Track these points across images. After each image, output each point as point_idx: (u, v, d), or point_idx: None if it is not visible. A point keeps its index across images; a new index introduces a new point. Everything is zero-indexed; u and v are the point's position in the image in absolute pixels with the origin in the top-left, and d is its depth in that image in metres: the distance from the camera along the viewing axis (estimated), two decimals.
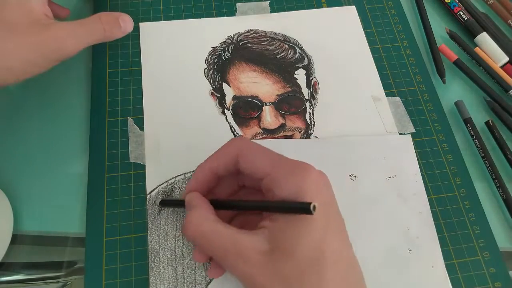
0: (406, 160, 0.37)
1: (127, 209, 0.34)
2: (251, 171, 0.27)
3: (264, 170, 0.27)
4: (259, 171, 0.27)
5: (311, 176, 0.25)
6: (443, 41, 0.45)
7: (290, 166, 0.26)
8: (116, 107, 0.38)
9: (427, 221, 0.35)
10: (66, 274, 0.33)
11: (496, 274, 0.33)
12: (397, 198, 0.35)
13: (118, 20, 0.33)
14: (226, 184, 0.31)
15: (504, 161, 0.39)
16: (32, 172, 0.35)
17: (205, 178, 0.29)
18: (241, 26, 0.43)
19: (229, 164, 0.28)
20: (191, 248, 0.32)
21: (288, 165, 0.26)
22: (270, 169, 0.26)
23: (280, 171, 0.26)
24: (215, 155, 0.29)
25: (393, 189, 0.35)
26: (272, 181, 0.26)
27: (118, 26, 0.33)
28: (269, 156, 0.27)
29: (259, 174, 0.27)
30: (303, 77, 0.41)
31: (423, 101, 0.41)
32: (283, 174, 0.26)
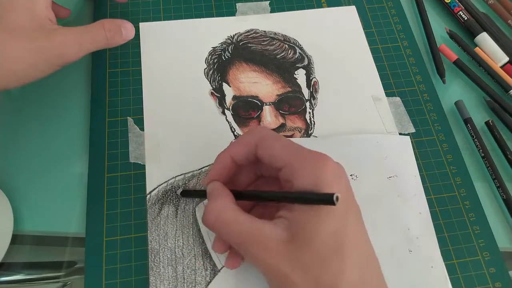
0: (406, 160, 0.37)
1: (127, 209, 0.34)
2: (270, 160, 0.27)
3: (283, 160, 0.27)
4: (278, 161, 0.27)
5: (329, 166, 0.26)
6: (443, 41, 0.45)
7: (309, 157, 0.26)
8: (116, 107, 0.38)
9: (426, 222, 0.35)
10: (66, 274, 0.33)
11: (496, 274, 0.33)
12: (398, 198, 0.35)
13: (120, 27, 0.34)
14: (245, 173, 0.31)
15: (504, 161, 0.39)
16: (32, 172, 0.35)
17: (225, 166, 0.29)
18: (241, 26, 0.43)
19: (248, 152, 0.29)
20: (191, 248, 0.32)
21: (306, 156, 0.27)
22: (289, 159, 0.27)
23: (298, 161, 0.26)
24: (235, 143, 0.30)
25: (394, 189, 0.35)
26: (291, 171, 0.26)
27: (120, 33, 0.34)
28: (288, 146, 0.27)
29: (278, 164, 0.27)
30: (303, 77, 0.41)
31: (423, 101, 0.41)
32: (302, 164, 0.26)
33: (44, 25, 0.31)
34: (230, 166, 0.30)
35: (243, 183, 0.31)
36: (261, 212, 0.30)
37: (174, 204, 0.34)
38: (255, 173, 0.31)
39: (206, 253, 0.32)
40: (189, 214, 0.34)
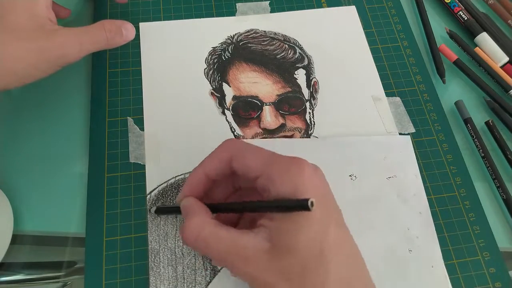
0: (406, 160, 0.37)
1: (127, 209, 0.34)
2: (245, 171, 0.27)
3: (258, 169, 0.26)
4: (253, 171, 0.26)
5: (305, 171, 0.25)
6: (443, 41, 0.45)
7: (284, 163, 0.26)
8: (116, 107, 0.38)
9: (427, 222, 0.35)
10: (66, 274, 0.33)
11: (496, 274, 0.33)
12: (397, 198, 0.35)
13: (121, 28, 0.34)
14: (222, 187, 0.30)
15: (504, 161, 0.39)
16: (32, 172, 0.35)
17: (200, 182, 0.29)
18: (241, 26, 0.43)
19: (222, 167, 0.28)
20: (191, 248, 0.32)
21: (281, 162, 0.26)
22: (264, 168, 0.26)
23: (273, 169, 0.26)
24: (207, 159, 0.29)
25: (393, 189, 0.35)
26: (267, 180, 0.26)
27: (120, 34, 0.34)
28: (262, 155, 0.27)
29: (253, 174, 0.27)
30: (303, 77, 0.41)
31: (423, 101, 0.41)
32: (277, 171, 0.26)
33: (45, 25, 0.31)
34: (205, 182, 0.29)
35: (220, 196, 0.30)
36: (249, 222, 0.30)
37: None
38: (233, 185, 0.30)
39: None
40: None
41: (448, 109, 0.41)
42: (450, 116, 0.41)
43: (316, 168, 0.27)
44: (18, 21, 0.30)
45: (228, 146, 0.28)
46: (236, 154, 0.28)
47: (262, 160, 0.27)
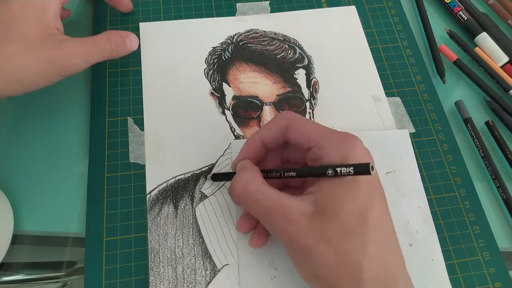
0: (404, 155, 0.37)
1: (127, 209, 0.34)
2: (300, 140, 0.28)
3: (313, 140, 0.28)
4: (309, 141, 0.28)
5: (358, 145, 0.26)
6: (443, 41, 0.45)
7: (338, 136, 0.27)
8: (116, 107, 0.38)
9: (425, 216, 0.35)
10: (66, 274, 0.33)
11: (496, 274, 0.33)
12: (397, 193, 0.35)
13: (125, 40, 0.36)
14: (271, 158, 0.32)
15: (504, 161, 0.39)
16: (32, 172, 0.35)
17: (256, 148, 0.30)
18: (241, 26, 0.43)
19: (278, 135, 0.29)
20: (191, 248, 0.32)
21: (336, 135, 0.27)
22: (319, 138, 0.27)
23: (328, 141, 0.27)
24: (265, 126, 0.30)
25: (392, 184, 0.36)
26: (321, 149, 0.27)
27: (124, 45, 0.36)
28: (317, 126, 0.28)
29: (308, 144, 0.28)
30: (303, 77, 0.41)
31: (423, 101, 0.41)
32: (332, 142, 0.27)
33: (53, 35, 0.32)
34: (260, 148, 0.30)
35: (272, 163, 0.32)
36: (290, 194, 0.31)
37: (174, 204, 0.34)
38: (282, 158, 0.32)
39: (206, 253, 0.32)
40: (189, 214, 0.34)
41: (448, 109, 0.41)
42: (450, 116, 0.41)
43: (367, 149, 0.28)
44: (28, 30, 0.31)
45: (285, 116, 0.30)
46: (293, 124, 0.29)
47: (317, 131, 0.28)
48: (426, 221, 0.35)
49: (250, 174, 0.28)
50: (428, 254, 0.33)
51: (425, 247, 0.33)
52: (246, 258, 0.32)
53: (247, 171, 0.29)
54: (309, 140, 0.28)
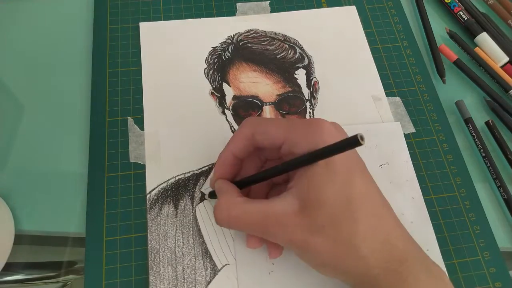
0: (397, 147, 0.38)
1: (127, 209, 0.34)
2: (268, 142, 0.28)
3: (280, 137, 0.28)
4: (276, 140, 0.28)
5: (324, 128, 0.26)
6: (443, 41, 0.45)
7: (303, 125, 0.27)
8: (116, 107, 0.38)
9: (419, 206, 0.35)
10: (66, 274, 0.33)
11: (496, 274, 0.33)
12: (390, 185, 0.36)
13: None
14: (250, 163, 0.32)
15: (504, 161, 0.39)
16: (32, 172, 0.35)
17: (228, 163, 0.30)
18: (241, 26, 0.43)
19: (247, 144, 0.29)
20: (192, 247, 0.32)
21: (301, 125, 0.27)
22: (286, 134, 0.27)
23: (295, 133, 0.27)
24: (232, 140, 0.30)
25: (386, 176, 0.36)
26: (290, 143, 0.27)
27: None
28: (281, 123, 0.29)
29: (277, 142, 0.28)
30: (303, 77, 0.41)
31: (423, 101, 0.41)
32: (299, 134, 0.27)
33: None
34: (233, 162, 0.30)
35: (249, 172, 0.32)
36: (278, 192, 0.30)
37: (174, 204, 0.34)
38: (260, 159, 0.32)
39: (206, 253, 0.32)
40: (189, 214, 0.34)
41: (448, 109, 0.41)
42: (450, 116, 0.41)
43: (335, 123, 0.28)
44: None
45: (248, 123, 0.30)
46: (257, 128, 0.29)
47: (283, 128, 0.28)
48: (420, 211, 0.35)
49: (227, 198, 0.28)
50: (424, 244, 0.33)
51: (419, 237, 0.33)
52: (243, 255, 0.32)
53: (224, 195, 0.29)
54: (276, 139, 0.28)
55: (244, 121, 0.30)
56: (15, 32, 0.42)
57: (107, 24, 0.42)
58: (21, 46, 0.41)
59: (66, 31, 0.42)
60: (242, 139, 0.30)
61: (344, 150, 0.23)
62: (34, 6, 0.44)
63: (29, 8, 0.44)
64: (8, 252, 0.32)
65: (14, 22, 0.43)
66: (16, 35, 0.42)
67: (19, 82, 0.39)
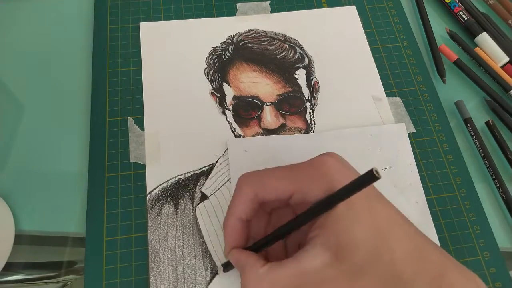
0: (401, 150, 0.37)
1: (127, 209, 0.34)
2: (275, 197, 0.27)
3: (287, 189, 0.26)
4: (283, 192, 0.26)
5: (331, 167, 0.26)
6: (443, 41, 0.45)
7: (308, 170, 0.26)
8: (116, 107, 0.38)
9: (423, 210, 0.35)
10: (66, 274, 0.33)
11: (496, 274, 0.33)
12: (394, 189, 0.35)
13: None
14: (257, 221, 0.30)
15: (504, 161, 0.39)
16: (32, 172, 0.35)
17: (236, 230, 0.28)
18: (241, 26, 0.43)
19: (251, 205, 0.28)
20: (192, 248, 0.32)
21: (305, 170, 0.26)
22: (293, 184, 0.26)
23: (302, 181, 0.26)
24: (233, 205, 0.28)
25: (389, 180, 0.36)
26: (301, 193, 0.26)
27: None
28: (283, 174, 0.27)
29: (285, 196, 0.27)
30: (304, 77, 0.41)
31: (423, 101, 0.41)
32: (307, 181, 0.26)
33: None
34: (241, 226, 0.28)
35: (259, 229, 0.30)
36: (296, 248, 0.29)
37: (174, 204, 0.34)
38: (266, 212, 0.30)
39: (207, 253, 0.32)
40: (189, 214, 0.34)
41: (448, 109, 0.41)
42: (450, 116, 0.41)
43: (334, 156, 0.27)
44: None
45: (248, 183, 0.28)
46: (260, 187, 0.27)
47: (287, 178, 0.27)
48: (423, 216, 0.35)
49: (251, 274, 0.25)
50: None
51: None
52: None
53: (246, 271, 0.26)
54: (284, 192, 0.26)
55: (241, 180, 0.28)
56: (15, 32, 0.42)
57: (107, 24, 0.42)
58: (21, 46, 0.41)
59: (66, 31, 0.42)
60: (245, 202, 0.27)
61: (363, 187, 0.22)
62: (34, 6, 0.44)
63: (29, 8, 0.44)
64: (8, 252, 0.32)
65: (14, 22, 0.43)
66: (16, 35, 0.42)
67: (19, 82, 0.39)
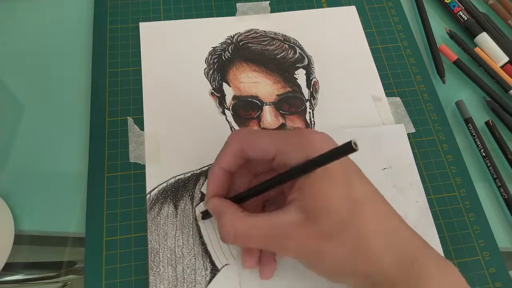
0: (401, 150, 0.37)
1: (127, 209, 0.34)
2: (260, 155, 0.28)
3: (271, 150, 0.28)
4: (267, 153, 0.28)
5: (316, 137, 0.27)
6: (443, 41, 0.45)
7: (295, 136, 0.27)
8: (116, 107, 0.38)
9: (423, 209, 0.35)
10: (66, 274, 0.33)
11: (496, 274, 0.33)
12: (394, 189, 0.35)
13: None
14: (242, 177, 0.31)
15: (504, 161, 0.39)
16: (32, 172, 0.35)
17: (219, 179, 0.30)
18: (241, 26, 0.43)
19: (237, 158, 0.29)
20: (191, 247, 0.32)
21: (292, 136, 0.28)
22: (277, 146, 0.27)
23: (287, 144, 0.27)
24: (221, 155, 0.30)
25: (389, 180, 0.36)
26: (283, 155, 0.27)
27: None
28: (271, 135, 0.28)
29: (269, 155, 0.28)
30: (303, 77, 0.41)
31: (423, 101, 0.41)
32: (291, 145, 0.27)
33: None
34: (224, 176, 0.30)
35: (244, 186, 0.31)
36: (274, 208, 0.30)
37: (174, 204, 0.34)
38: (251, 172, 0.31)
39: (206, 253, 0.32)
40: (189, 214, 0.34)
41: (448, 109, 0.41)
42: (450, 116, 0.41)
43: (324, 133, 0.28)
44: None
45: (237, 137, 0.29)
46: (246, 142, 0.29)
47: (274, 139, 0.28)
48: (424, 215, 0.35)
49: (230, 214, 0.27)
50: None
51: None
52: None
53: (225, 212, 0.28)
54: (268, 152, 0.28)
55: (232, 134, 0.30)
56: (15, 32, 0.42)
57: (107, 24, 0.42)
58: (21, 46, 0.41)
59: (66, 31, 0.42)
60: (231, 153, 0.29)
61: (340, 156, 0.23)
62: (34, 6, 0.44)
63: (29, 8, 0.44)
64: (8, 252, 0.32)
65: (14, 22, 0.43)
66: (16, 35, 0.42)
67: (19, 82, 0.39)
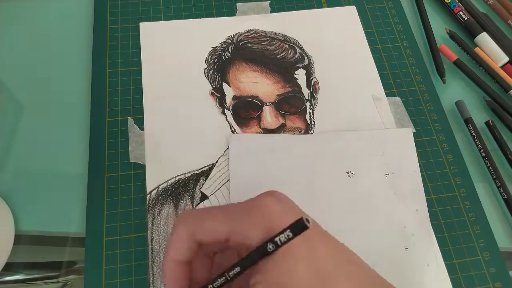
0: (406, 156, 0.37)
1: (127, 209, 0.34)
2: (213, 239, 0.25)
3: (224, 230, 0.24)
4: (220, 234, 0.25)
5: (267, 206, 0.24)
6: (443, 41, 0.45)
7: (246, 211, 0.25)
8: (116, 107, 0.38)
9: (423, 219, 0.35)
10: (66, 274, 0.33)
11: (496, 274, 0.33)
12: (394, 196, 0.35)
13: None
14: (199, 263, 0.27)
15: (504, 161, 0.39)
16: (32, 172, 0.35)
17: (175, 272, 0.26)
18: (241, 26, 0.43)
19: (189, 244, 0.26)
20: None
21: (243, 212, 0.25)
22: (229, 227, 0.24)
23: (240, 223, 0.24)
24: (170, 246, 0.26)
25: (390, 187, 0.36)
26: (239, 236, 0.24)
27: None
28: (220, 214, 0.25)
29: (222, 237, 0.25)
30: (303, 77, 0.41)
31: (423, 101, 0.41)
32: (245, 223, 0.24)
33: None
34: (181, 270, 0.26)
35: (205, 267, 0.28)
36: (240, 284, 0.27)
37: (174, 204, 0.34)
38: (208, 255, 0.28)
39: None
40: None
41: (448, 109, 0.41)
42: (450, 116, 0.41)
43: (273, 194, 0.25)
44: None
45: (183, 223, 0.26)
46: (195, 226, 0.25)
47: (224, 219, 0.25)
48: (423, 225, 0.34)
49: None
50: (424, 258, 0.33)
51: (420, 250, 0.33)
52: None
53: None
54: (220, 234, 0.24)
55: (176, 219, 0.27)
56: (15, 31, 0.42)
57: (107, 24, 0.42)
58: (21, 45, 0.41)
59: (66, 31, 0.42)
60: (180, 243, 0.25)
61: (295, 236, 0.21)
62: (34, 6, 0.44)
63: (29, 8, 0.44)
64: (8, 252, 0.32)
65: (14, 22, 0.43)
66: (16, 34, 0.42)
67: (19, 82, 0.39)
